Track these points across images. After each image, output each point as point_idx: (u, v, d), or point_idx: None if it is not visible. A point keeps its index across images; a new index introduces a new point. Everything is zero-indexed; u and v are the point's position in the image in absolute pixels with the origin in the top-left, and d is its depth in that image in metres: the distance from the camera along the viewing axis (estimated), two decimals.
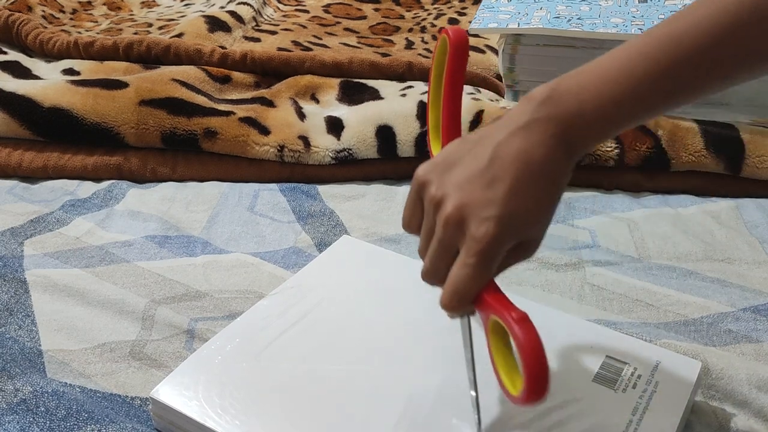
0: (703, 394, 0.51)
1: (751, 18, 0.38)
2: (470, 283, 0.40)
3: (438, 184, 0.42)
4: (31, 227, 0.70)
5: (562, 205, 0.74)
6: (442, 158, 0.43)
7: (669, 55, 0.39)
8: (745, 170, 0.75)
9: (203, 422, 0.45)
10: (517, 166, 0.39)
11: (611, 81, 0.40)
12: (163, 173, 0.80)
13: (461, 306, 0.41)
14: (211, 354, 0.50)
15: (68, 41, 1.00)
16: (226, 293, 0.61)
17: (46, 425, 0.48)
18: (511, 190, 0.39)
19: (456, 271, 0.40)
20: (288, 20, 1.23)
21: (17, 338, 0.56)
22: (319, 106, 0.87)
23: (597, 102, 0.40)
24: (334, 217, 0.72)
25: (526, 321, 0.38)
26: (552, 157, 0.40)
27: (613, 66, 0.40)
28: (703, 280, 0.63)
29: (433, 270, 0.43)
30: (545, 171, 0.40)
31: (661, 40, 0.40)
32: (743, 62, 0.40)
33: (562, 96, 0.40)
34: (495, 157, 0.40)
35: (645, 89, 0.40)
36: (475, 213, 0.39)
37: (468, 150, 0.42)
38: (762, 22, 0.38)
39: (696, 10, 0.39)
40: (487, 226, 0.39)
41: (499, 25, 0.83)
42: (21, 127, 0.81)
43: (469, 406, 0.46)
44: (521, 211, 0.39)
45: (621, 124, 0.41)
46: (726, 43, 0.39)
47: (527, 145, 0.40)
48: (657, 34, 0.40)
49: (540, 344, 0.37)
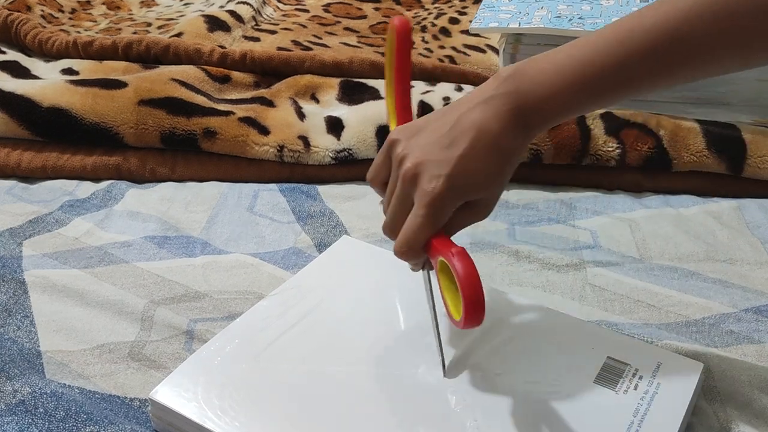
0: (705, 396, 0.50)
1: (699, 20, 0.41)
2: (418, 231, 0.45)
3: (405, 144, 0.47)
4: (30, 227, 0.70)
5: (563, 205, 0.74)
6: (413, 123, 0.48)
7: (619, 50, 0.42)
8: (747, 170, 0.75)
9: (202, 423, 0.45)
10: (473, 134, 0.44)
11: (566, 69, 0.44)
12: (162, 173, 0.80)
13: (411, 252, 0.46)
14: (211, 355, 0.50)
15: (67, 41, 1.00)
16: (225, 294, 0.61)
17: (45, 426, 0.48)
18: (465, 154, 0.44)
19: (407, 222, 0.45)
20: (288, 20, 1.23)
21: (16, 339, 0.56)
22: (319, 106, 0.87)
23: (550, 87, 0.44)
24: (334, 217, 0.72)
25: (463, 254, 0.42)
26: (505, 130, 0.44)
27: (571, 55, 0.44)
28: (704, 281, 0.62)
29: (392, 223, 0.48)
30: (498, 141, 0.44)
31: (616, 36, 0.43)
32: (689, 62, 0.42)
33: (522, 76, 0.44)
34: (456, 124, 0.45)
35: (595, 80, 0.43)
36: (429, 170, 0.44)
37: (436, 118, 0.47)
38: (709, 24, 0.41)
39: (654, 9, 0.43)
40: (437, 182, 0.44)
41: (500, 25, 0.83)
42: (20, 127, 0.81)
43: (472, 406, 0.46)
44: (470, 173, 0.44)
45: (572, 109, 0.45)
46: (674, 41, 0.41)
47: (485, 116, 0.44)
48: (613, 29, 0.43)
49: (475, 272, 0.41)
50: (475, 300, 0.41)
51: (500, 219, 0.72)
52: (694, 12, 0.41)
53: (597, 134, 0.76)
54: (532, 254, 0.66)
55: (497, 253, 0.66)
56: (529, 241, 0.68)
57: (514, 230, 0.70)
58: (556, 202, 0.74)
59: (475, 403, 0.46)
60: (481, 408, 0.46)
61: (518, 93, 0.44)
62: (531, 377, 0.48)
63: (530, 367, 0.49)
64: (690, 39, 0.41)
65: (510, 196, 0.75)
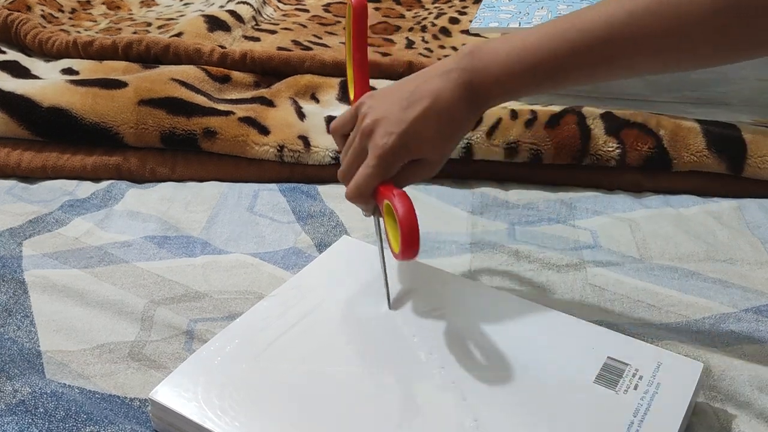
0: (705, 396, 0.50)
1: (644, 15, 0.44)
2: (368, 179, 0.51)
3: (369, 104, 0.52)
4: (30, 227, 0.70)
5: (564, 205, 0.74)
6: (384, 89, 0.54)
7: (559, 44, 0.47)
8: (747, 170, 0.75)
9: (203, 423, 0.45)
10: (428, 101, 0.49)
11: (513, 53, 0.48)
12: (162, 173, 0.80)
13: (361, 197, 0.51)
14: (211, 355, 0.50)
15: (67, 41, 1.00)
16: (225, 294, 0.61)
17: (45, 426, 0.48)
18: (417, 117, 0.49)
19: (359, 171, 0.51)
20: (288, 19, 1.23)
21: (16, 339, 0.56)
22: (319, 106, 0.86)
23: (501, 68, 0.48)
24: (334, 217, 0.72)
25: (403, 195, 0.48)
26: (457, 101, 0.49)
27: (526, 40, 0.48)
28: (704, 281, 0.62)
29: (347, 170, 0.53)
30: (449, 110, 0.49)
31: (558, 29, 0.47)
32: (611, 60, 0.46)
33: (479, 55, 0.49)
34: (416, 90, 0.50)
35: (536, 67, 0.47)
36: (384, 126, 0.50)
37: (400, 85, 0.52)
38: (650, 19, 0.44)
39: (592, 10, 0.46)
40: (389, 138, 0.49)
41: (500, 25, 0.83)
42: (20, 127, 0.81)
43: (472, 406, 0.46)
44: (419, 134, 0.49)
45: (514, 90, 0.49)
46: (617, 34, 0.45)
47: (441, 86, 0.49)
48: (560, 22, 0.47)
49: (412, 209, 0.46)
50: (411, 232, 0.46)
51: (500, 219, 0.72)
52: (615, 18, 0.45)
53: (597, 134, 0.76)
54: (532, 254, 0.66)
55: (497, 253, 0.66)
56: (529, 241, 0.68)
57: (514, 230, 0.70)
58: (556, 202, 0.74)
59: (474, 402, 0.46)
60: (480, 408, 0.46)
61: (473, 70, 0.49)
62: (531, 377, 0.48)
63: (530, 366, 0.49)
64: (611, 41, 0.45)
65: (510, 196, 0.75)
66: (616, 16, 0.45)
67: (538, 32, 0.48)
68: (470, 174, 0.79)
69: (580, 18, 0.47)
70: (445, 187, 0.77)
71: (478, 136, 0.77)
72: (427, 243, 0.67)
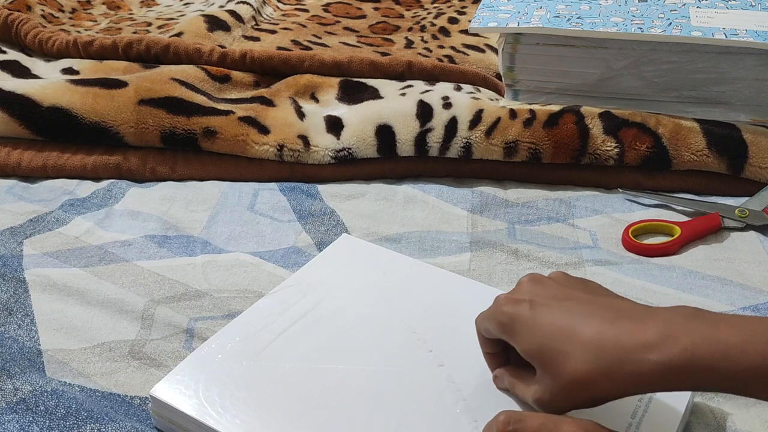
0: (703, 395, 0.51)
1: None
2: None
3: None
4: (31, 227, 0.70)
5: (563, 204, 0.74)
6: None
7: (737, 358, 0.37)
8: (747, 170, 0.75)
9: (203, 421, 0.45)
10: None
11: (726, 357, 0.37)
12: (162, 173, 0.80)
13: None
14: (212, 352, 0.50)
15: (67, 40, 1.00)
16: (225, 293, 0.61)
17: (46, 424, 0.48)
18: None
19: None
20: (287, 19, 1.23)
21: (16, 338, 0.56)
22: (319, 106, 0.87)
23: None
24: (334, 216, 0.72)
25: None
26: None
27: (733, 342, 0.38)
28: (703, 279, 0.63)
29: None
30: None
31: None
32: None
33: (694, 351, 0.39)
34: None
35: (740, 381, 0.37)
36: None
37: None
38: None
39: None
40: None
41: (499, 24, 0.83)
42: (20, 127, 0.81)
43: (470, 406, 0.46)
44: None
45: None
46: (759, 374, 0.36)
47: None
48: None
49: None
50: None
51: (500, 218, 0.72)
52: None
53: (595, 133, 0.77)
54: (531, 253, 0.66)
55: (497, 252, 0.66)
56: (528, 240, 0.69)
57: (513, 229, 0.70)
58: (555, 201, 0.75)
59: (474, 403, 0.46)
60: (480, 408, 0.46)
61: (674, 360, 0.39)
62: None
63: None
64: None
65: (509, 195, 0.76)
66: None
67: (742, 334, 0.38)
68: (469, 173, 0.79)
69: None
70: (445, 186, 0.77)
71: (477, 135, 0.77)
72: (427, 242, 0.67)
